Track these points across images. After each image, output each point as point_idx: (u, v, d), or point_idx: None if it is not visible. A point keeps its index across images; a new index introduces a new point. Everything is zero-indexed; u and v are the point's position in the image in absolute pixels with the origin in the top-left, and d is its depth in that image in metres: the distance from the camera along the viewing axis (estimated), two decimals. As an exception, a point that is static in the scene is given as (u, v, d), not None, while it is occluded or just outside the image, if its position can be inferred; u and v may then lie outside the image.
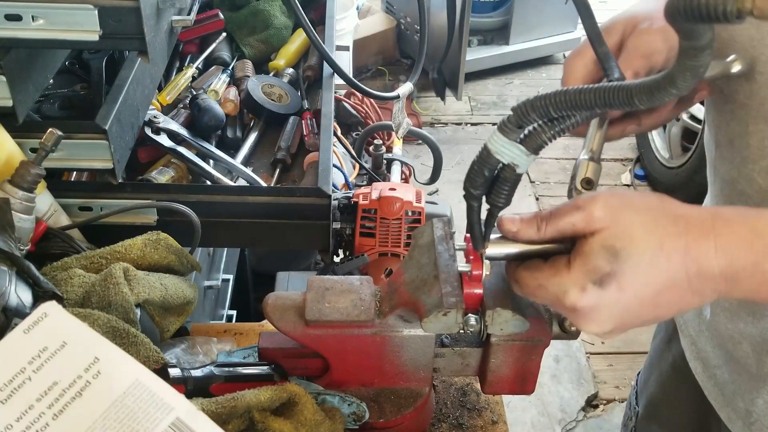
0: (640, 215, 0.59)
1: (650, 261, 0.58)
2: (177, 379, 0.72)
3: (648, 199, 0.62)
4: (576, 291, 0.60)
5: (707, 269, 0.57)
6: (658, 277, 0.58)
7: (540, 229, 0.63)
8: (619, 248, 0.58)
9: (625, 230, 0.58)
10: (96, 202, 1.04)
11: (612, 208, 0.59)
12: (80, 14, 0.86)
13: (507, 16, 3.99)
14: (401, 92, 1.47)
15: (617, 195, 0.61)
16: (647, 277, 0.58)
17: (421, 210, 1.17)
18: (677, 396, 1.01)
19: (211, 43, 1.48)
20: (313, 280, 0.78)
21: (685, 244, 0.58)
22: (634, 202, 0.61)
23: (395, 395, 0.81)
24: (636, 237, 0.58)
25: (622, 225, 0.59)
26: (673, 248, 0.58)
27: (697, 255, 0.57)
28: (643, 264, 0.58)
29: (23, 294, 0.74)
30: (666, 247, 0.58)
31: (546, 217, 0.63)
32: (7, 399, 0.57)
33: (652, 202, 0.61)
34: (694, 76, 0.48)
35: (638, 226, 0.58)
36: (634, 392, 1.18)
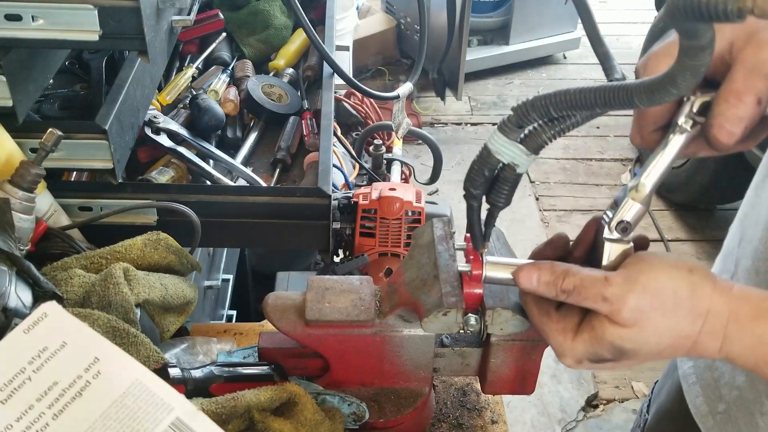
0: (663, 318, 0.59)
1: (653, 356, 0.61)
2: (177, 379, 0.72)
3: (679, 293, 0.58)
4: (572, 361, 0.63)
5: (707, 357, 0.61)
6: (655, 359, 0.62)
7: (558, 297, 0.62)
8: (628, 349, 0.60)
9: (641, 336, 0.59)
10: (96, 202, 1.04)
11: (639, 312, 0.58)
12: (80, 14, 0.86)
13: (507, 16, 4.00)
14: (401, 92, 1.47)
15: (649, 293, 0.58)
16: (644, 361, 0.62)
17: (421, 210, 1.17)
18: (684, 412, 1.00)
19: (211, 43, 1.48)
20: (313, 280, 0.78)
21: (694, 343, 0.60)
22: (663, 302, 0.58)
23: (395, 395, 0.81)
24: (649, 342, 0.60)
25: (641, 330, 0.59)
26: (681, 346, 0.60)
27: (702, 350, 0.60)
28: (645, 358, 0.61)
29: (23, 294, 0.74)
30: (674, 345, 0.60)
31: (568, 291, 0.61)
32: (7, 399, 0.57)
33: (682, 296, 0.58)
34: (695, 76, 0.48)
35: (656, 332, 0.59)
36: (648, 400, 1.17)
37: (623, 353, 0.60)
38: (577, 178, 3.50)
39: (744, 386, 0.82)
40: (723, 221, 3.17)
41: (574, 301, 0.61)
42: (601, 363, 0.62)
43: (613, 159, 3.61)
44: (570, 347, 0.62)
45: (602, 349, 0.60)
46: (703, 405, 0.89)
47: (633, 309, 0.58)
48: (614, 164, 3.58)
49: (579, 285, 0.60)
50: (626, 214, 0.62)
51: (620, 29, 4.74)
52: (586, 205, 3.32)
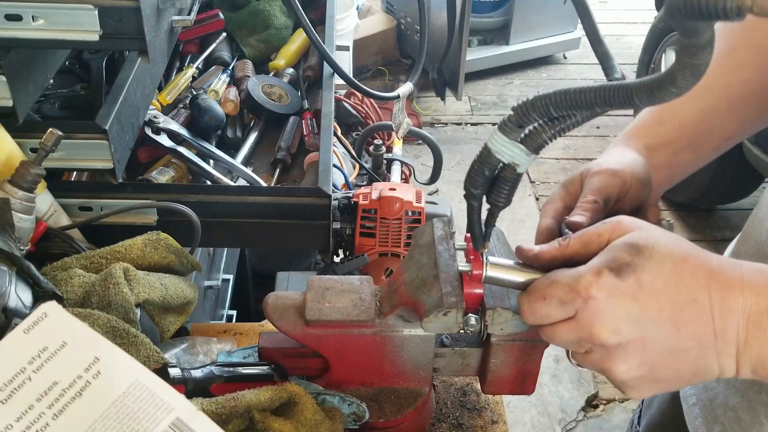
0: (667, 235, 0.59)
1: (673, 268, 0.56)
2: (177, 379, 0.72)
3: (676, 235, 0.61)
4: (590, 274, 0.57)
5: (731, 300, 0.55)
6: (678, 287, 0.56)
7: (562, 245, 0.62)
8: (643, 246, 0.57)
9: (652, 236, 0.58)
10: (96, 202, 1.04)
11: (638, 222, 0.60)
12: (80, 14, 0.86)
13: (507, 16, 4.00)
14: (401, 92, 1.47)
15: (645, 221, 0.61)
16: (668, 282, 0.56)
17: (421, 210, 1.18)
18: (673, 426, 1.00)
19: (211, 43, 1.48)
20: (313, 280, 0.78)
21: (711, 266, 0.56)
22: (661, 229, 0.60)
23: (395, 395, 0.81)
24: (662, 243, 0.57)
25: (647, 232, 0.59)
26: (699, 265, 0.56)
27: (723, 280, 0.56)
28: (665, 267, 0.56)
29: (23, 294, 0.74)
30: (691, 261, 0.57)
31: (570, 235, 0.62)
32: (7, 399, 0.57)
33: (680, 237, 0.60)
34: (695, 75, 0.48)
35: (666, 238, 0.58)
36: (639, 411, 1.17)
37: (639, 249, 0.57)
38: (577, 178, 3.50)
39: (739, 407, 0.81)
40: (723, 221, 3.17)
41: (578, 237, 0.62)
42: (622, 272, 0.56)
43: (613, 159, 3.60)
44: (585, 267, 0.58)
45: (618, 250, 0.58)
46: (701, 426, 0.88)
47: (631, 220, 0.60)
48: (614, 164, 3.57)
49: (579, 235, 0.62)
50: None
51: (620, 29, 4.74)
52: (586, 205, 3.32)
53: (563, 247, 0.62)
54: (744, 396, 0.80)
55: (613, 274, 0.56)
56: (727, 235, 3.05)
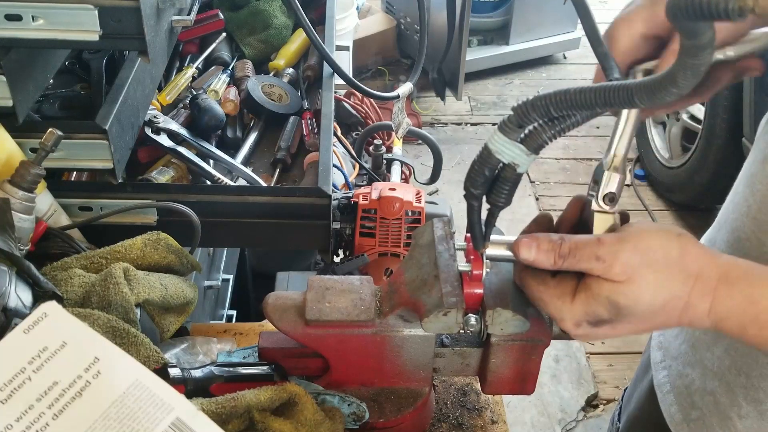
0: (655, 274, 0.60)
1: (649, 317, 0.62)
2: (177, 379, 0.72)
3: (670, 253, 0.61)
4: (571, 324, 0.64)
5: (698, 324, 0.62)
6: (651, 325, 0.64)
7: (556, 264, 0.64)
8: (623, 306, 0.61)
9: (635, 291, 0.60)
10: (96, 202, 1.04)
11: (631, 267, 0.60)
12: (80, 14, 0.86)
13: (507, 16, 3.99)
14: (401, 92, 1.47)
15: (640, 251, 0.61)
16: (641, 327, 0.63)
17: (421, 210, 1.18)
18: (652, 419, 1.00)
19: (211, 43, 1.48)
20: (313, 280, 0.78)
21: (685, 304, 0.61)
22: (654, 258, 0.61)
23: (395, 395, 0.81)
24: (643, 299, 0.60)
25: (634, 285, 0.60)
26: (674, 307, 0.61)
27: (693, 314, 0.61)
28: (641, 319, 0.62)
29: (23, 294, 0.74)
30: (668, 306, 0.61)
31: (564, 255, 0.63)
32: (7, 399, 0.57)
33: (672, 257, 0.61)
34: (695, 75, 0.48)
35: (650, 287, 0.60)
36: (619, 407, 1.17)
37: (619, 310, 0.61)
38: (577, 178, 3.50)
39: (718, 391, 0.82)
40: (723, 221, 3.16)
41: (570, 265, 0.63)
42: (600, 326, 0.63)
43: (613, 159, 3.60)
44: (568, 309, 0.63)
45: (599, 306, 0.61)
46: (677, 413, 0.90)
47: (625, 264, 0.60)
48: (614, 164, 3.57)
49: (574, 247, 0.62)
50: (610, 185, 0.66)
51: (620, 29, 4.73)
52: (586, 205, 3.32)
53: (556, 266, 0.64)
54: (722, 379, 0.81)
55: (591, 326, 0.64)
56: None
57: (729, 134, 2.69)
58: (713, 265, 0.61)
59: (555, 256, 0.63)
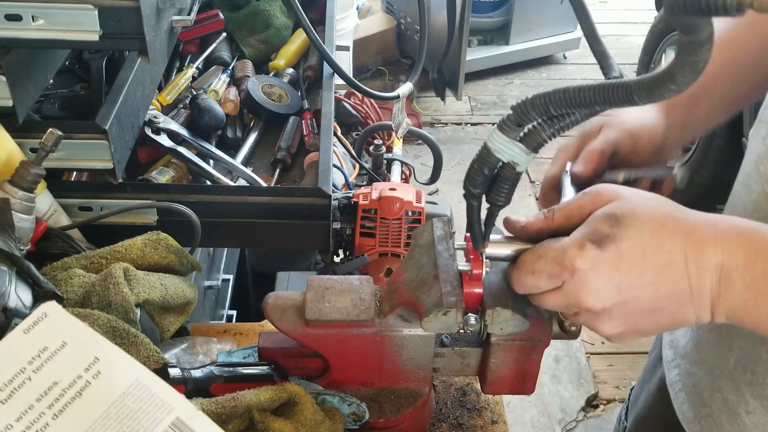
0: (645, 199, 0.62)
1: (651, 235, 0.59)
2: (177, 379, 0.72)
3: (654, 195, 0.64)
4: (574, 249, 0.60)
5: (705, 259, 0.59)
6: (657, 252, 0.59)
7: (547, 217, 0.64)
8: (621, 216, 0.60)
9: (630, 204, 0.61)
10: (96, 202, 1.04)
11: (618, 189, 0.62)
12: (80, 14, 0.86)
13: (507, 16, 4.00)
14: (401, 92, 1.47)
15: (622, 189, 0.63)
16: (647, 249, 0.59)
17: (421, 210, 1.18)
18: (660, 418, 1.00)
19: (211, 43, 1.48)
20: (313, 280, 0.78)
21: (687, 230, 0.59)
22: (641, 192, 0.63)
23: (395, 395, 0.81)
24: (639, 212, 0.60)
25: (627, 200, 0.61)
26: (675, 230, 0.60)
27: (697, 241, 0.59)
28: (643, 235, 0.59)
29: (23, 294, 0.74)
30: (668, 226, 0.60)
31: (553, 208, 0.65)
32: (7, 399, 0.57)
33: (659, 197, 0.63)
34: (694, 72, 0.48)
35: (643, 205, 0.61)
36: (626, 406, 1.17)
37: (618, 220, 0.60)
38: (577, 178, 3.50)
39: (726, 388, 0.82)
40: (723, 221, 3.16)
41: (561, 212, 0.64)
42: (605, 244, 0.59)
43: (614, 159, 3.60)
44: (567, 240, 0.61)
45: (598, 222, 0.60)
46: (689, 411, 0.90)
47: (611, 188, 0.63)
48: (614, 164, 3.58)
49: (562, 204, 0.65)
50: None
51: (620, 29, 4.74)
52: (587, 205, 3.32)
53: (548, 219, 0.65)
54: (729, 377, 0.81)
55: (595, 246, 0.60)
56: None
57: (729, 134, 2.69)
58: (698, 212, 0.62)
59: (544, 212, 0.65)
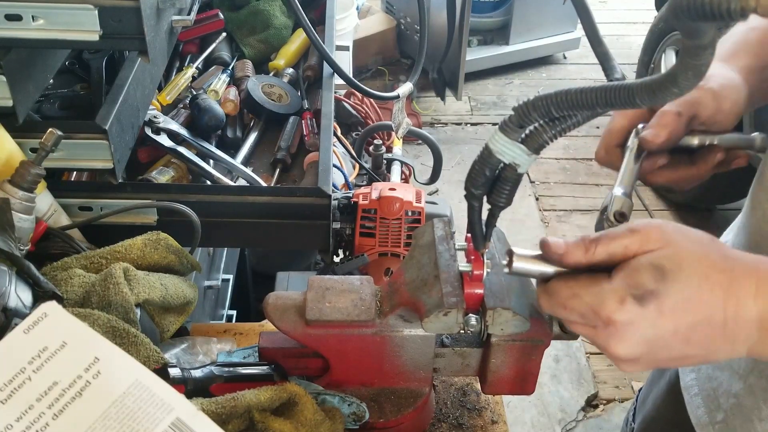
0: (693, 244, 0.59)
1: (695, 290, 0.57)
2: (177, 379, 0.72)
3: (700, 234, 0.61)
4: (614, 302, 0.57)
5: (744, 311, 0.57)
6: (697, 308, 0.57)
7: (588, 250, 0.60)
8: (668, 269, 0.57)
9: (677, 254, 0.58)
10: (96, 202, 1.04)
11: (667, 233, 0.59)
12: (80, 14, 0.86)
13: (507, 16, 3.99)
14: (401, 92, 1.47)
15: (672, 224, 0.60)
16: (688, 306, 0.57)
17: (421, 210, 1.17)
18: (669, 420, 1.00)
19: (211, 43, 1.48)
20: (314, 280, 0.78)
21: (729, 280, 0.57)
22: (688, 232, 0.60)
23: (395, 395, 0.81)
24: (685, 263, 0.57)
25: (674, 249, 0.58)
26: (717, 282, 0.57)
27: (738, 292, 0.57)
28: (687, 290, 0.57)
29: (23, 294, 0.74)
30: (711, 279, 0.57)
31: (596, 240, 0.60)
32: (7, 399, 0.57)
33: (705, 238, 0.60)
34: (696, 75, 0.48)
35: (690, 253, 0.58)
36: (633, 408, 1.17)
37: (664, 274, 0.56)
38: (577, 178, 3.50)
39: (741, 393, 0.82)
40: (723, 221, 3.17)
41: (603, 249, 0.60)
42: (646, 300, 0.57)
43: (613, 159, 3.60)
44: (609, 287, 0.58)
45: (642, 274, 0.57)
46: (704, 416, 0.89)
47: (661, 230, 0.59)
48: (614, 164, 3.58)
49: (604, 233, 0.60)
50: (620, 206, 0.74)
51: (620, 29, 4.74)
52: (586, 205, 3.32)
53: (588, 253, 0.60)
54: (746, 382, 0.81)
55: (636, 302, 0.57)
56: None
57: (729, 134, 2.69)
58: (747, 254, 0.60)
59: (585, 243, 0.60)
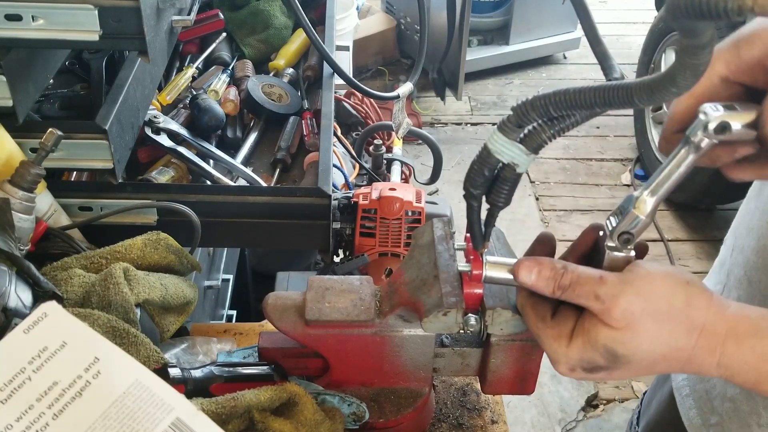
0: (657, 324, 0.58)
1: (647, 366, 0.60)
2: (177, 379, 0.72)
3: (674, 303, 0.58)
4: (565, 368, 0.63)
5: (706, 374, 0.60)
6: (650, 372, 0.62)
7: (554, 293, 0.62)
8: (621, 355, 0.59)
9: (634, 340, 0.58)
10: (96, 202, 1.04)
11: (631, 315, 0.58)
12: (80, 14, 0.86)
13: (507, 16, 4.00)
14: (401, 92, 1.47)
15: (642, 296, 0.58)
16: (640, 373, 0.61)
17: (421, 210, 1.18)
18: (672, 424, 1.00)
19: (211, 43, 1.48)
20: (313, 280, 0.78)
21: (689, 357, 0.59)
22: (657, 307, 0.58)
23: (395, 395, 0.81)
24: (642, 348, 0.59)
25: (632, 334, 0.58)
26: (676, 359, 0.59)
27: (699, 366, 0.59)
28: (639, 367, 0.60)
29: (23, 294, 0.74)
30: (669, 357, 0.59)
31: (564, 287, 0.61)
32: (7, 399, 0.57)
33: (676, 306, 0.58)
34: (695, 75, 0.48)
35: (649, 337, 0.58)
36: (638, 412, 1.17)
37: (616, 358, 0.59)
38: (577, 178, 3.50)
39: (738, 398, 0.82)
40: (723, 221, 3.17)
41: (568, 298, 0.61)
42: (594, 372, 0.62)
43: (613, 159, 3.61)
44: (564, 353, 0.62)
45: (595, 353, 0.60)
46: (696, 417, 0.89)
47: (624, 310, 0.57)
48: (614, 164, 3.58)
49: (575, 281, 0.60)
50: (629, 225, 0.61)
51: (620, 29, 4.74)
52: (586, 205, 3.32)
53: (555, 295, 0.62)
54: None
55: (585, 372, 0.62)
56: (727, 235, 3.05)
57: (729, 134, 2.69)
58: (720, 319, 0.58)
59: (555, 285, 0.61)
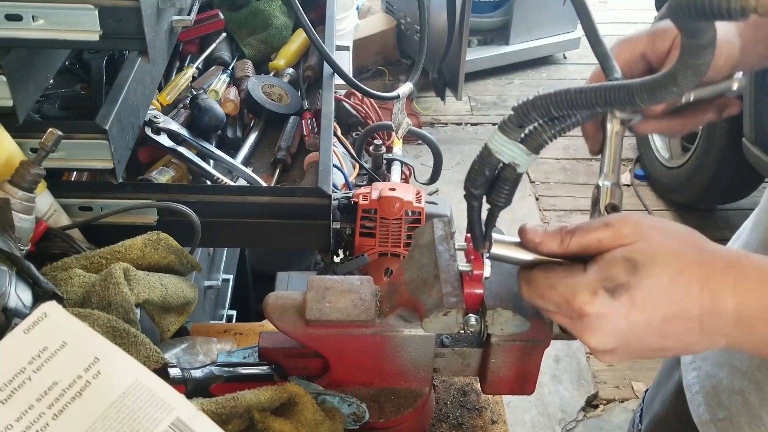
0: (668, 239, 0.58)
1: (668, 283, 0.57)
2: (177, 379, 0.72)
3: (679, 228, 0.61)
4: (587, 294, 0.58)
5: (721, 306, 0.56)
6: (672, 302, 0.57)
7: (563, 242, 0.61)
8: (640, 263, 0.57)
9: (650, 248, 0.58)
10: (96, 202, 1.04)
11: (641, 227, 0.59)
12: (80, 14, 0.86)
13: (507, 16, 4.00)
14: (401, 92, 1.47)
15: (649, 217, 0.60)
16: (661, 299, 0.57)
17: (421, 210, 1.17)
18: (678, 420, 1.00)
19: (211, 43, 1.48)
20: (314, 280, 0.78)
21: (706, 276, 0.57)
22: (665, 226, 0.60)
23: (395, 395, 0.81)
24: (659, 257, 0.57)
25: (648, 243, 0.58)
26: (694, 276, 0.57)
27: (715, 288, 0.56)
28: (660, 284, 0.57)
29: (23, 294, 0.74)
30: (687, 273, 0.57)
31: (571, 231, 0.61)
32: (7, 399, 0.57)
33: (683, 232, 0.60)
34: (696, 75, 0.48)
35: (664, 247, 0.58)
36: (640, 409, 1.17)
37: (636, 268, 0.57)
38: (577, 178, 3.50)
39: (747, 390, 0.82)
40: (723, 221, 3.17)
41: (578, 240, 0.61)
42: (618, 293, 0.57)
43: (613, 159, 3.60)
44: (581, 279, 0.59)
45: (615, 266, 0.57)
46: (705, 414, 0.89)
47: (635, 224, 0.59)
48: (614, 164, 3.58)
49: (580, 225, 0.61)
50: (609, 196, 0.71)
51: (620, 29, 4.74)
52: (586, 205, 3.31)
53: (563, 244, 0.62)
54: (752, 379, 0.81)
55: (608, 295, 0.58)
56: (726, 235, 3.03)
57: (729, 134, 2.69)
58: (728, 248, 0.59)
59: (561, 234, 0.62)
